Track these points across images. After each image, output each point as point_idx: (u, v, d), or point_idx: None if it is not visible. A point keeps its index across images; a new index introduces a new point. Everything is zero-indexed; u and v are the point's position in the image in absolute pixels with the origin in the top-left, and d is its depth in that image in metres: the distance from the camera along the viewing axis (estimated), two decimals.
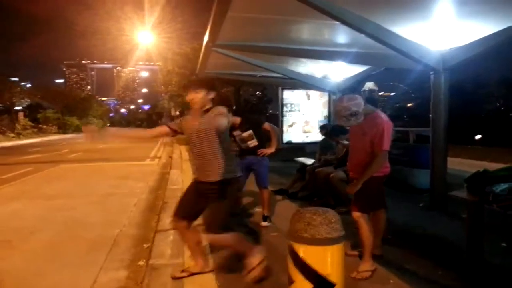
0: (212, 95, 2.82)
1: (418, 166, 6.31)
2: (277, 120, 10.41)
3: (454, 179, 5.60)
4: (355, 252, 3.33)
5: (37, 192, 7.34)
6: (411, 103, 40.12)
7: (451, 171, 5.60)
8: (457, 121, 18.71)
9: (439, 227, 4.38)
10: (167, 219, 4.84)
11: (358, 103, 3.02)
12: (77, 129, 50.41)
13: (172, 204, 5.61)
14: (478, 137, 24.78)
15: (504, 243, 3.70)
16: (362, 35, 4.63)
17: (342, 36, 5.91)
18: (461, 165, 7.90)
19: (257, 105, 27.79)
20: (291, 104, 10.15)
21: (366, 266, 2.99)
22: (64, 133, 47.55)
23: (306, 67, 8.57)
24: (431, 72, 5.19)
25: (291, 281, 1.67)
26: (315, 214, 1.80)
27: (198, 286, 2.83)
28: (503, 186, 4.07)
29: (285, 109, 10.13)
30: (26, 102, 52.29)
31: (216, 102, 2.90)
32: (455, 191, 5.55)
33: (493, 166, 6.33)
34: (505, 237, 3.79)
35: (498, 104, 31.65)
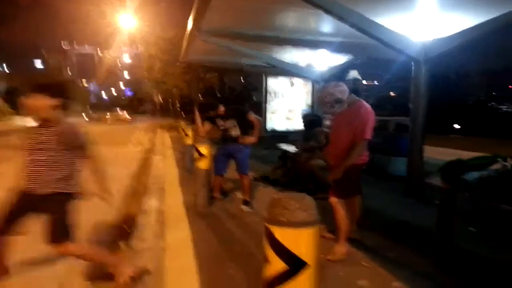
0: (56, 102, 2.38)
1: (396, 154, 6.49)
2: (261, 107, 10.44)
3: (430, 167, 5.77)
4: (331, 236, 3.44)
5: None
6: (393, 92, 40.63)
7: (428, 160, 5.77)
8: (437, 111, 19.15)
9: (414, 213, 4.54)
10: (148, 204, 4.87)
11: (343, 90, 3.09)
12: None
13: (154, 190, 5.65)
14: (456, 126, 25.44)
15: (473, 228, 3.88)
16: (346, 25, 4.68)
17: (326, 25, 5.96)
18: (439, 154, 8.12)
19: (241, 93, 27.71)
20: (275, 92, 10.19)
21: (341, 249, 3.11)
22: None
23: (291, 55, 8.60)
24: (413, 63, 5.29)
25: (266, 261, 1.74)
26: (292, 199, 1.85)
27: (179, 266, 2.88)
28: (475, 174, 4.25)
29: (269, 96, 10.17)
30: (3, 86, 50.58)
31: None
32: (430, 179, 5.74)
33: (470, 155, 6.56)
34: (474, 223, 3.97)
35: (477, 95, 32.42)
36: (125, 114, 42.64)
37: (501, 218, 3.86)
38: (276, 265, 1.68)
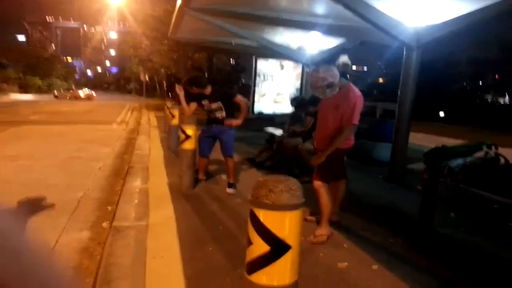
0: None
1: (381, 139, 6.54)
2: (249, 90, 10.33)
3: (414, 153, 5.85)
4: (313, 218, 3.47)
5: None
6: (383, 78, 40.79)
7: (412, 146, 5.83)
8: (424, 98, 19.34)
9: (396, 198, 4.61)
10: (132, 183, 4.82)
11: (334, 74, 3.05)
12: (40, 90, 47.97)
13: (138, 169, 5.58)
14: (441, 114, 25.81)
15: (453, 214, 3.96)
16: (339, 6, 4.60)
17: (319, 6, 5.86)
18: (423, 141, 8.24)
19: (230, 74, 27.41)
20: (264, 74, 10.07)
21: (323, 231, 3.13)
22: (26, 93, 45.18)
23: (282, 37, 8.47)
24: (405, 48, 5.27)
25: (249, 243, 1.73)
26: (277, 181, 1.83)
27: (161, 245, 2.87)
28: (459, 161, 4.32)
29: (258, 79, 10.05)
30: None
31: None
32: (414, 164, 5.82)
33: (453, 142, 6.66)
34: (455, 208, 4.05)
35: (464, 84, 32.79)
36: (87, 92, 41.95)
37: (481, 204, 3.95)
38: (259, 247, 1.67)
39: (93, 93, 42.70)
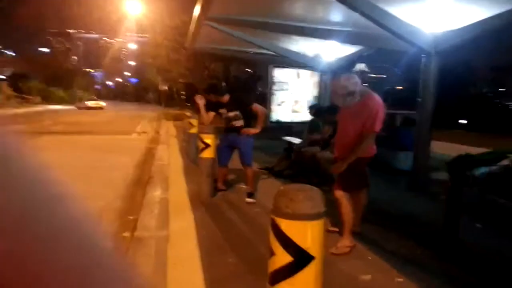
0: None
1: (402, 148, 6.42)
2: (266, 98, 10.35)
3: (436, 161, 5.72)
4: (336, 229, 3.41)
5: None
6: (401, 86, 40.23)
7: (434, 154, 5.71)
8: (445, 105, 18.96)
9: (419, 207, 4.50)
10: (152, 193, 4.87)
11: (355, 82, 3.02)
12: (62, 101, 49.29)
13: (158, 179, 5.64)
14: (463, 122, 25.23)
15: (479, 224, 3.83)
16: (356, 14, 4.59)
17: (335, 14, 5.85)
18: (444, 149, 8.06)
19: (247, 83, 27.57)
20: (281, 82, 10.07)
21: (346, 242, 3.08)
22: (48, 104, 46.53)
23: (298, 45, 8.49)
24: (423, 55, 5.20)
25: (272, 253, 1.71)
26: (299, 190, 1.82)
27: (182, 254, 2.88)
28: (483, 169, 4.20)
29: (274, 87, 10.06)
30: (10, 71, 50.75)
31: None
32: (436, 173, 5.69)
33: (476, 150, 6.48)
34: (481, 219, 3.93)
35: (485, 90, 32.04)
36: (98, 102, 42.80)
37: (508, 214, 3.82)
38: (282, 257, 1.66)
39: (101, 102, 43.46)
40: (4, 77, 48.37)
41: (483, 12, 4.49)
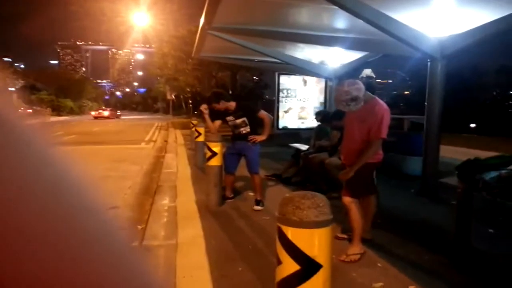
0: None
1: (411, 153, 6.37)
2: (273, 105, 10.38)
3: (445, 166, 5.66)
4: (345, 236, 3.38)
5: None
6: (408, 90, 40.08)
7: (443, 159, 5.65)
8: (453, 110, 18.80)
9: (429, 213, 4.44)
10: (161, 202, 4.89)
11: (359, 88, 3.01)
12: (71, 112, 49.97)
13: (166, 188, 5.67)
14: (472, 125, 24.96)
15: (491, 230, 3.77)
16: (360, 21, 4.60)
17: (340, 21, 5.87)
18: (453, 153, 7.98)
19: (253, 90, 27.68)
20: (288, 89, 10.11)
21: (355, 249, 3.05)
22: (58, 115, 47.17)
23: (303, 53, 8.52)
24: (429, 60, 5.18)
25: (279, 262, 1.71)
26: (304, 198, 1.81)
27: (191, 264, 2.88)
28: (493, 174, 4.13)
29: (281, 94, 10.09)
30: (20, 83, 51.63)
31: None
32: (446, 178, 5.63)
33: (486, 154, 6.40)
34: (492, 224, 3.86)
35: (494, 93, 31.72)
36: (103, 113, 43.36)
37: None
38: (289, 266, 1.65)
39: (104, 112, 44.01)
40: (14, 89, 49.17)
41: (488, 16, 4.46)
